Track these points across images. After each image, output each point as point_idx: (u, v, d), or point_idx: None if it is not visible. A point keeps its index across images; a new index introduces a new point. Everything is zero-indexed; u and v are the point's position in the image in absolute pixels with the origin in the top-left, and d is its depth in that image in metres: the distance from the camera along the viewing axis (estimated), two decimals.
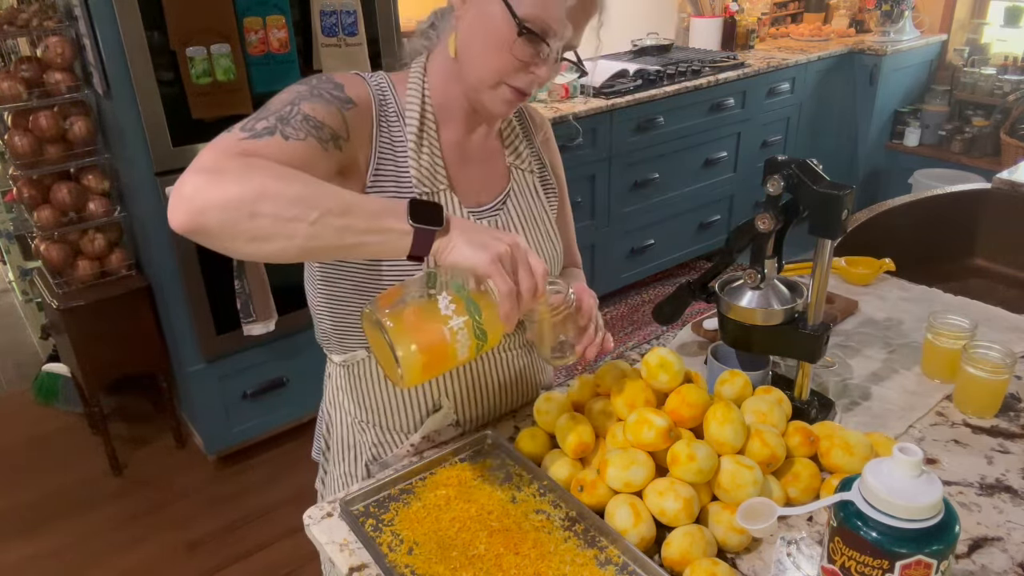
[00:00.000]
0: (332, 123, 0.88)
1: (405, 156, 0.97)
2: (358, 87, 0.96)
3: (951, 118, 4.10)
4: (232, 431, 2.54)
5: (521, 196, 1.09)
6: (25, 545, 2.31)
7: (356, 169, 0.94)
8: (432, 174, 0.99)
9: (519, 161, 1.09)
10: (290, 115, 0.85)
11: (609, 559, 0.86)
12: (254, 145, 0.80)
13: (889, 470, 0.71)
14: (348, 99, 0.92)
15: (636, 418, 0.96)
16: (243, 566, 2.21)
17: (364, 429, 1.13)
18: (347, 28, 2.27)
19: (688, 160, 3.42)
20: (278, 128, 0.82)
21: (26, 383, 3.00)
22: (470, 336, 0.79)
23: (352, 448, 1.16)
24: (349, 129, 0.91)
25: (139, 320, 2.43)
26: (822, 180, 0.98)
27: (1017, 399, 1.17)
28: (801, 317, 1.06)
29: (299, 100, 0.87)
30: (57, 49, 2.19)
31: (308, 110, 0.86)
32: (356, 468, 1.16)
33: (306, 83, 0.91)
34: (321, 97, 0.89)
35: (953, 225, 2.02)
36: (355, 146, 0.92)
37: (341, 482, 1.19)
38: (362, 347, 1.06)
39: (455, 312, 0.78)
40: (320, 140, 0.85)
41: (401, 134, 0.98)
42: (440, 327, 0.78)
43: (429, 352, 0.78)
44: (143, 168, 2.11)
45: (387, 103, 0.98)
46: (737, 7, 3.88)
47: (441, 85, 1.00)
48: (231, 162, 0.76)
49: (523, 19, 0.89)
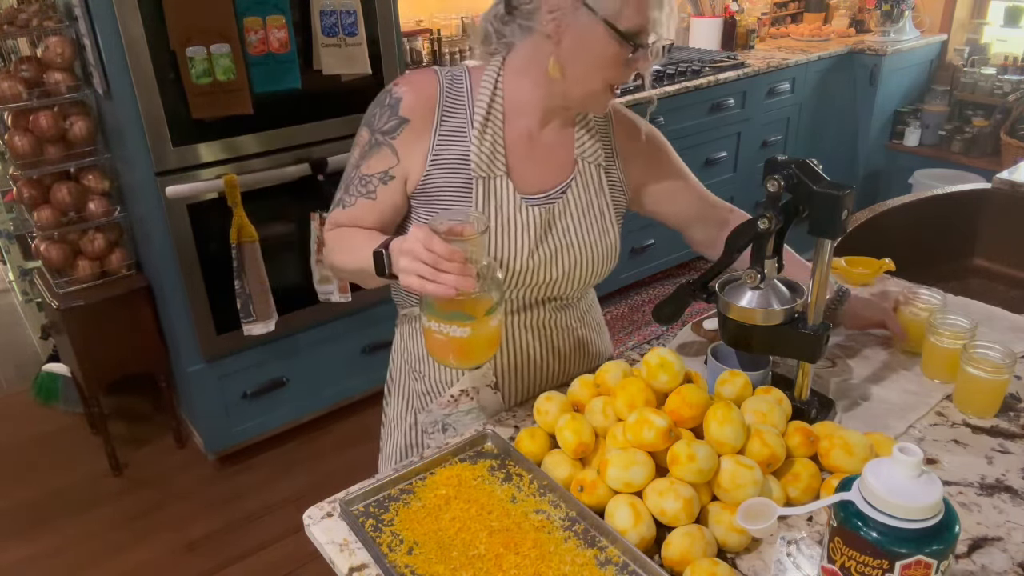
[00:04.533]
0: (381, 166, 1.10)
1: (466, 144, 1.09)
2: (421, 89, 1.10)
3: (951, 118, 4.10)
4: (232, 431, 2.54)
5: (583, 187, 1.16)
6: (25, 545, 2.31)
7: (414, 169, 1.10)
8: (491, 161, 1.09)
9: (585, 152, 1.16)
10: (351, 181, 1.13)
11: (609, 559, 0.86)
12: (333, 217, 1.15)
13: (889, 470, 0.71)
14: (400, 122, 1.09)
15: (636, 418, 0.96)
16: (243, 566, 2.21)
17: (417, 378, 1.25)
18: (347, 28, 2.27)
19: (688, 160, 3.36)
20: (342, 200, 1.14)
21: (26, 383, 3.00)
22: (450, 327, 0.92)
23: (406, 395, 1.28)
24: (400, 154, 1.10)
25: (139, 320, 2.43)
26: (822, 180, 0.98)
27: (1017, 399, 1.17)
28: (801, 317, 1.06)
29: (361, 160, 1.12)
30: (57, 49, 2.19)
31: (364, 171, 1.11)
32: (407, 413, 1.28)
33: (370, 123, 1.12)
34: (376, 146, 1.10)
35: (953, 225, 2.02)
36: (408, 158, 1.10)
37: (394, 425, 1.31)
38: (416, 304, 1.19)
39: (429, 320, 0.94)
40: (367, 194, 1.11)
41: (465, 124, 1.10)
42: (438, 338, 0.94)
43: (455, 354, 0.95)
44: (143, 168, 2.11)
45: (458, 97, 1.11)
46: (737, 7, 3.88)
47: (521, 85, 1.10)
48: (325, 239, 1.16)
49: (628, 33, 0.99)
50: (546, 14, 1.01)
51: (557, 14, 1.00)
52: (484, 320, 0.93)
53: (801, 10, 4.48)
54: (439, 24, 3.25)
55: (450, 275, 0.87)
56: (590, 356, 1.29)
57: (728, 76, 3.35)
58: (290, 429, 2.69)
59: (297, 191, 2.34)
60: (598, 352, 1.31)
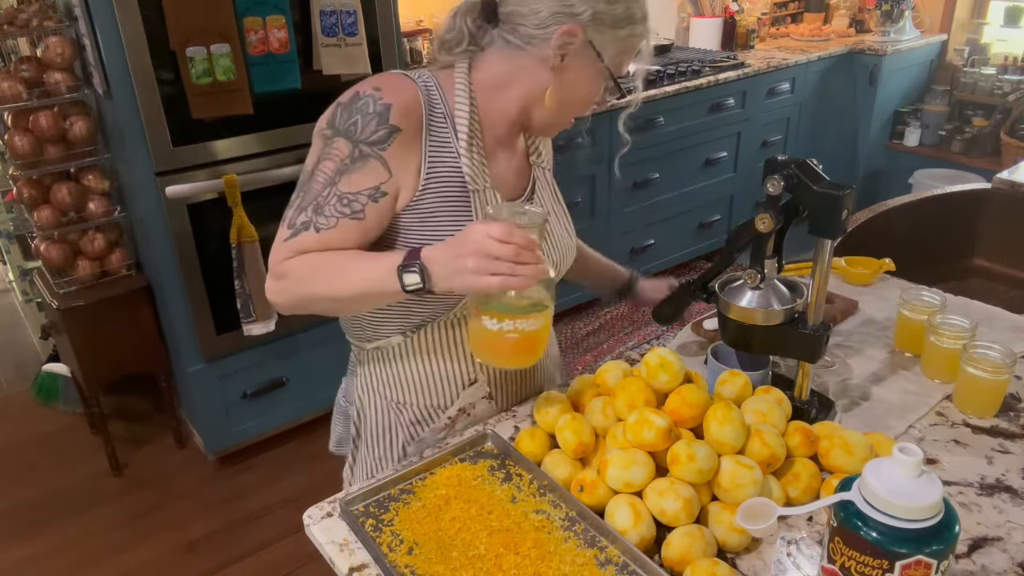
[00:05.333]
0: (371, 182, 0.99)
1: (454, 156, 1.03)
2: (406, 97, 1.01)
3: (951, 118, 4.10)
4: (232, 431, 2.54)
5: (543, 191, 1.17)
6: (25, 545, 2.31)
7: (406, 185, 1.02)
8: (480, 174, 1.05)
9: (539, 160, 1.18)
10: (326, 201, 0.98)
11: (609, 559, 0.86)
12: (295, 243, 0.98)
13: (889, 470, 0.71)
14: (391, 131, 0.99)
15: (636, 418, 0.96)
16: (243, 566, 2.21)
17: (401, 410, 1.17)
18: (347, 28, 2.27)
19: (688, 160, 3.42)
20: (312, 223, 0.98)
21: (26, 383, 3.00)
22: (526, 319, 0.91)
23: (387, 431, 1.19)
24: (391, 167, 1.00)
25: (139, 320, 2.43)
26: (822, 180, 0.98)
27: (1017, 399, 1.17)
28: (801, 317, 1.06)
29: (338, 176, 0.98)
30: (57, 49, 2.19)
31: (344, 188, 0.98)
32: (392, 451, 1.19)
33: (350, 134, 0.99)
34: (360, 159, 0.98)
35: (953, 225, 2.02)
36: (401, 172, 1.00)
37: (376, 466, 1.22)
38: (397, 333, 1.11)
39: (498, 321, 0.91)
40: (353, 214, 0.98)
41: (449, 135, 1.04)
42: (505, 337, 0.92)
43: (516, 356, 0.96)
44: (143, 168, 2.11)
45: (435, 105, 1.04)
46: (737, 7, 3.88)
47: (491, 100, 1.06)
48: (281, 268, 0.99)
49: (616, 77, 1.03)
50: (554, 47, 0.99)
51: (565, 50, 0.99)
52: (551, 307, 0.94)
53: (801, 10, 4.48)
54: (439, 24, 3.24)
55: (529, 266, 0.86)
56: (550, 363, 1.30)
57: (728, 76, 3.35)
58: (290, 429, 2.69)
59: None
60: (555, 359, 1.33)
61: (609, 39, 1.00)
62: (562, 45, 0.99)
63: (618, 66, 1.03)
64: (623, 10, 1.00)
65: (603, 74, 1.02)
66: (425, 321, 1.08)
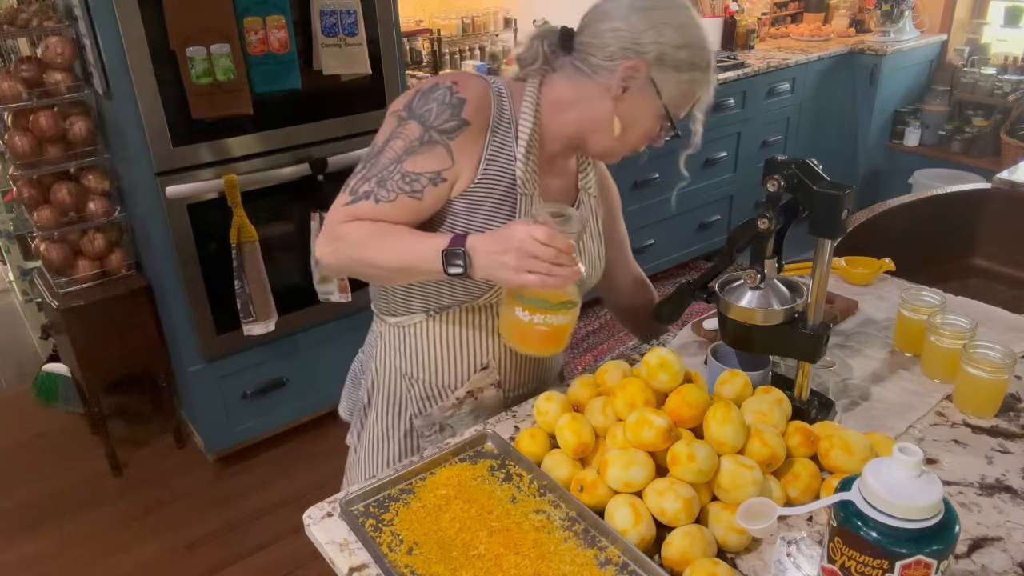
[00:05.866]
0: (434, 166, 1.05)
1: (511, 160, 1.10)
2: (479, 100, 1.08)
3: (951, 118, 4.10)
4: (232, 431, 2.54)
5: (585, 213, 1.23)
6: (25, 545, 2.31)
7: (464, 176, 1.08)
8: (532, 180, 1.12)
9: (587, 185, 1.24)
10: (389, 175, 1.05)
11: (609, 559, 0.86)
12: (352, 210, 1.05)
13: (889, 470, 0.71)
14: (462, 123, 1.06)
15: (636, 418, 0.96)
16: (243, 566, 2.21)
17: (413, 384, 1.23)
18: (347, 28, 2.26)
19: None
20: (373, 193, 1.04)
21: (26, 383, 3.00)
22: (555, 314, 0.98)
23: (397, 403, 1.26)
24: (455, 156, 1.06)
25: (139, 320, 2.43)
26: (822, 180, 0.98)
27: (1017, 399, 1.17)
28: (801, 317, 1.06)
29: (405, 155, 1.05)
30: (57, 49, 2.19)
31: (409, 167, 1.04)
32: (400, 420, 1.26)
33: (424, 118, 1.05)
34: (429, 143, 1.05)
35: (953, 225, 2.02)
36: (463, 162, 1.07)
37: (383, 435, 1.28)
38: (421, 311, 1.17)
39: (530, 314, 0.98)
40: (412, 193, 1.05)
41: (510, 139, 1.11)
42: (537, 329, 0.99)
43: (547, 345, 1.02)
44: (143, 168, 2.11)
45: (504, 110, 1.11)
46: (737, 7, 3.88)
47: (553, 115, 1.12)
48: (338, 231, 1.04)
49: (674, 117, 1.09)
50: (618, 79, 1.05)
51: (628, 83, 1.05)
52: (578, 305, 1.01)
53: (801, 10, 4.48)
54: (439, 24, 3.25)
55: (566, 268, 0.93)
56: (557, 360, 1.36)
57: (728, 76, 3.35)
58: (290, 429, 2.69)
59: (297, 191, 2.34)
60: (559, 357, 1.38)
61: (671, 80, 1.06)
62: (626, 78, 1.05)
63: (676, 107, 1.09)
64: (687, 56, 1.06)
65: (660, 112, 1.08)
66: (451, 304, 1.14)
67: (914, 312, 1.26)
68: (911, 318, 1.27)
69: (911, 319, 1.27)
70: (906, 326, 1.28)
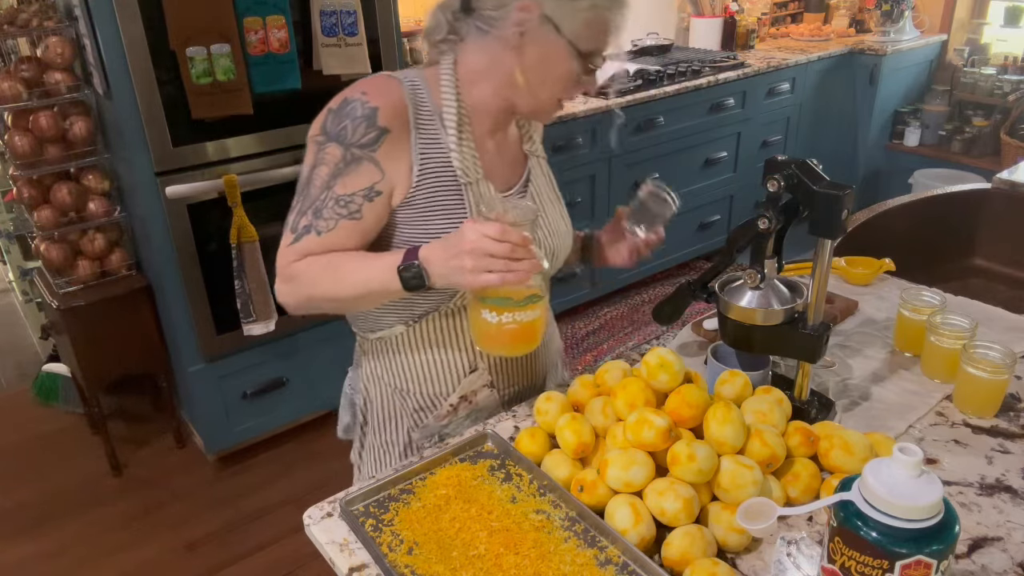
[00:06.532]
0: (365, 182, 1.02)
1: (445, 152, 1.06)
2: (392, 98, 1.03)
3: (951, 118, 4.10)
4: (232, 431, 2.54)
5: (538, 179, 1.19)
6: (25, 545, 2.31)
7: (399, 182, 1.05)
8: (473, 166, 1.08)
9: (534, 148, 1.20)
10: (323, 204, 1.02)
11: (609, 559, 0.86)
12: (300, 247, 1.03)
13: (889, 470, 0.71)
14: (380, 132, 1.02)
15: (636, 418, 0.96)
16: (243, 566, 2.21)
17: (405, 398, 1.21)
18: (347, 28, 2.27)
19: (688, 160, 3.42)
20: (312, 226, 1.02)
21: (26, 383, 3.00)
22: (523, 310, 0.96)
23: (392, 418, 1.23)
24: (383, 167, 1.03)
25: (139, 320, 2.43)
26: (822, 180, 0.98)
27: (1017, 399, 1.17)
28: (801, 317, 1.06)
29: (333, 179, 1.02)
30: (57, 49, 2.19)
31: (340, 190, 1.02)
32: (397, 436, 1.23)
33: (341, 139, 1.02)
34: (353, 162, 1.02)
35: (953, 225, 2.02)
36: (393, 171, 1.04)
37: (382, 450, 1.26)
38: (399, 323, 1.14)
39: (497, 314, 0.96)
40: (350, 215, 1.02)
41: (439, 132, 1.06)
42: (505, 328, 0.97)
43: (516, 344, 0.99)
44: (143, 168, 2.11)
45: (422, 103, 1.06)
46: (737, 7, 3.88)
47: (475, 90, 1.08)
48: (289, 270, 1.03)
49: (586, 54, 1.01)
50: (512, 25, 1.00)
51: (523, 27, 1.00)
52: (546, 297, 0.99)
53: (801, 10, 4.48)
54: None
55: (525, 261, 0.90)
56: (551, 351, 1.32)
57: (728, 76, 3.35)
58: (290, 429, 2.69)
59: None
60: (556, 347, 1.36)
61: (567, 11, 0.99)
62: (520, 22, 0.99)
63: (586, 41, 1.01)
64: None
65: (568, 51, 1.00)
66: (427, 311, 1.12)
67: (914, 312, 1.26)
68: (911, 318, 1.27)
69: (911, 319, 1.27)
70: (906, 326, 1.28)
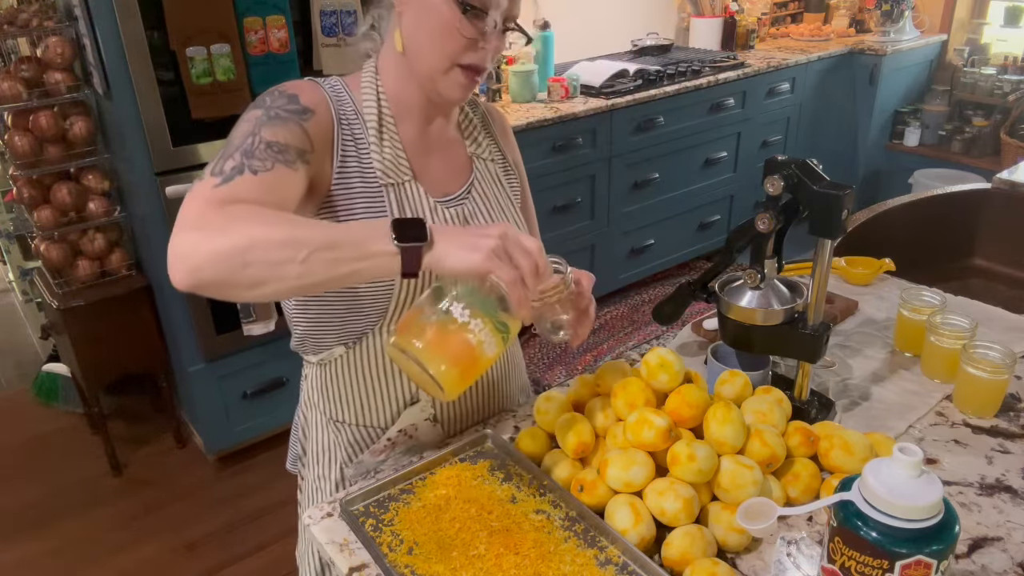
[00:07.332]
0: (295, 141, 0.90)
1: (368, 152, 1.00)
2: (312, 93, 0.98)
3: (951, 118, 4.10)
4: (232, 431, 2.54)
5: (485, 184, 1.11)
6: (25, 544, 2.31)
7: (323, 174, 0.96)
8: (396, 166, 1.01)
9: (480, 151, 1.12)
10: (253, 147, 0.86)
11: (609, 559, 0.86)
12: (229, 190, 0.82)
13: (889, 470, 0.71)
14: (305, 109, 0.94)
15: (636, 418, 0.96)
16: (243, 566, 2.21)
17: (340, 429, 1.12)
18: (347, 28, 2.27)
19: (688, 160, 3.42)
20: (245, 165, 0.84)
21: (26, 383, 3.00)
22: (493, 334, 0.82)
23: (327, 450, 1.14)
24: (312, 140, 0.93)
25: (139, 320, 2.43)
26: (822, 180, 0.98)
27: (1017, 399, 1.17)
28: (801, 317, 1.06)
29: (258, 128, 0.88)
30: (57, 49, 2.19)
31: (269, 136, 0.88)
32: (330, 471, 1.14)
33: (260, 106, 0.93)
34: (278, 118, 0.91)
35: (953, 225, 2.02)
36: (320, 154, 0.95)
37: (315, 486, 1.17)
38: (339, 344, 1.06)
39: (471, 316, 0.81)
40: (287, 163, 0.88)
41: (362, 131, 1.00)
42: (463, 336, 0.81)
43: (460, 362, 0.81)
44: (143, 168, 2.11)
45: (344, 103, 1.00)
46: (737, 7, 3.88)
47: (394, 82, 1.02)
48: (213, 215, 0.78)
49: (465, 2, 0.92)
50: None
51: None
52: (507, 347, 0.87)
53: (801, 10, 4.48)
54: None
55: (530, 284, 0.79)
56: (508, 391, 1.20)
57: (728, 76, 3.35)
58: (290, 429, 2.68)
59: None
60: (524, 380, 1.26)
61: None
62: None
63: None
64: None
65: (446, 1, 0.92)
66: (365, 329, 1.03)
67: (914, 312, 1.26)
68: (911, 318, 1.27)
69: (911, 319, 1.27)
70: (906, 326, 1.28)
